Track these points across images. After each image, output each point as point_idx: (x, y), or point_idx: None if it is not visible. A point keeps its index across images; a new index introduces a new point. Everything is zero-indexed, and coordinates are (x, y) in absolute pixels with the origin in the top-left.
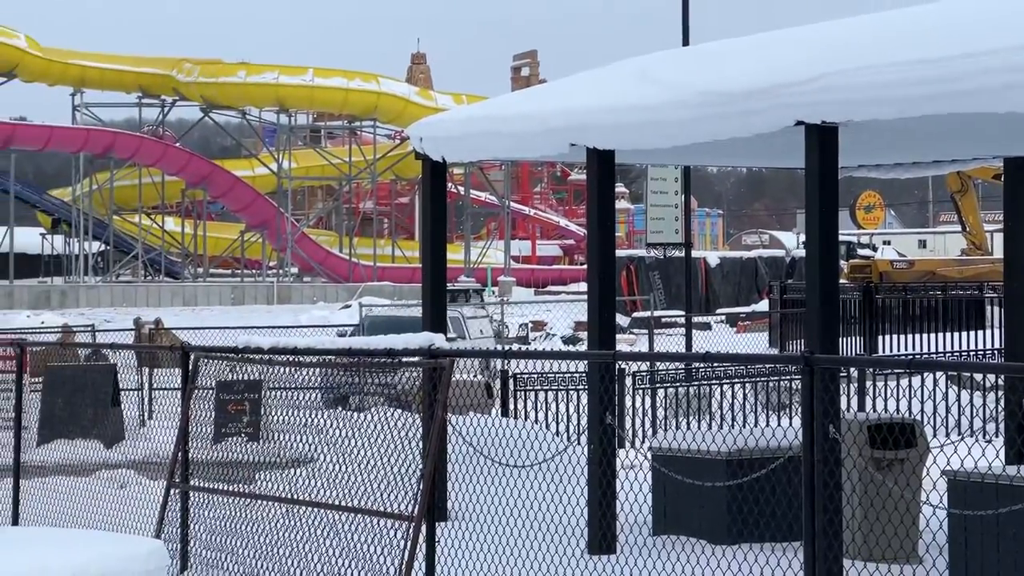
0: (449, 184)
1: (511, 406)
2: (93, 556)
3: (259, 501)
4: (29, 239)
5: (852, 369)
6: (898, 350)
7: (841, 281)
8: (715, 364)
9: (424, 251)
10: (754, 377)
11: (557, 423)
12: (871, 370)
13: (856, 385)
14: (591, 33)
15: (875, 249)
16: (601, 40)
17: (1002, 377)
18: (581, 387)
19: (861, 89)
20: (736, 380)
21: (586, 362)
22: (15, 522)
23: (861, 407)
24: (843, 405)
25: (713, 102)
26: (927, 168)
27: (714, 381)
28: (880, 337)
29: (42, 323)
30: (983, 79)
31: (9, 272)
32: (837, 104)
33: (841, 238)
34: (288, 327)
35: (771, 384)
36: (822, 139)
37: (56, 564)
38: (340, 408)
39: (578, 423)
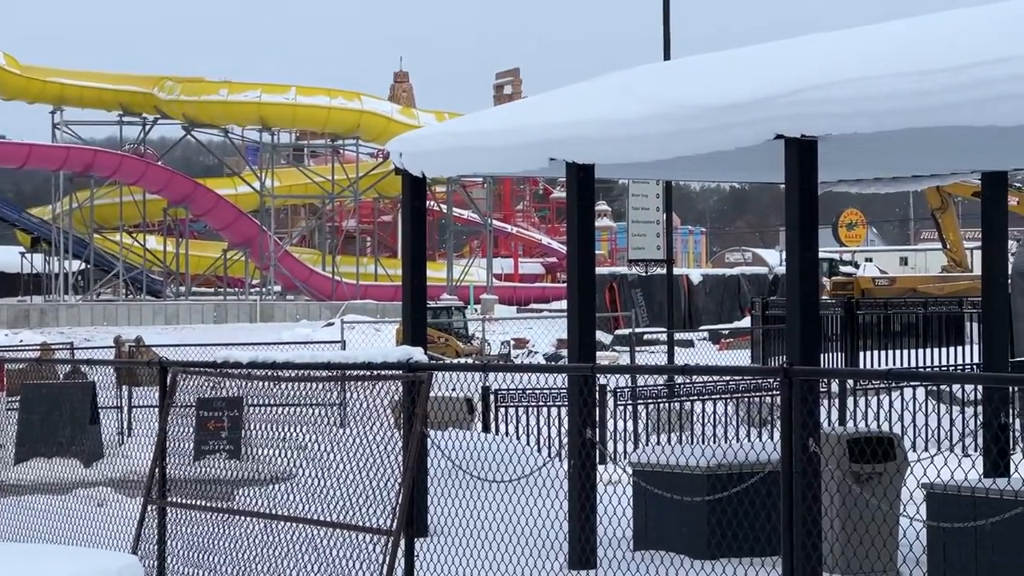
0: (432, 202)
1: (492, 422)
2: (66, 571)
3: (238, 517)
4: (8, 258)
5: (833, 385)
6: (879, 366)
7: (823, 298)
8: (697, 380)
9: (404, 264)
10: (735, 393)
11: (539, 439)
12: (851, 384)
13: (837, 400)
14: (574, 52)
15: (857, 266)
16: (584, 59)
17: (979, 390)
18: (562, 403)
19: (840, 103)
20: (717, 396)
21: (566, 376)
22: None
23: (842, 422)
24: (823, 420)
25: (695, 115)
26: (906, 183)
27: (695, 397)
28: (861, 353)
29: (20, 341)
30: (961, 93)
31: None
32: (816, 117)
33: (823, 255)
34: (270, 344)
35: (752, 400)
36: (801, 152)
37: None
38: None
39: (559, 439)
